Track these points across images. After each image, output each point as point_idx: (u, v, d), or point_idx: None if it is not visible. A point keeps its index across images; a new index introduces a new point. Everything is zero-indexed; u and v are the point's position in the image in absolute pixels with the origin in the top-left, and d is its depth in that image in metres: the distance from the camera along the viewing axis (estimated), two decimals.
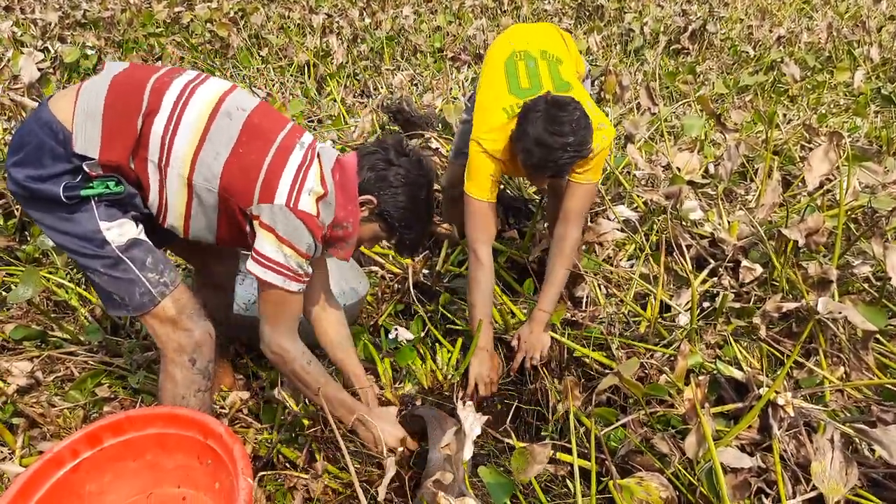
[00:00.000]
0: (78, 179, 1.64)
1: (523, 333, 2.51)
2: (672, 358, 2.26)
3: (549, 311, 2.46)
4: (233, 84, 1.84)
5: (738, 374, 2.15)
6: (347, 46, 6.40)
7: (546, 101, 2.17)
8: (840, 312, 1.99)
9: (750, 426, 1.91)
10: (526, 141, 2.16)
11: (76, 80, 4.91)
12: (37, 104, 4.39)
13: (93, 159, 1.63)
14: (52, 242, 1.78)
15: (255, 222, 1.73)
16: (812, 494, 1.67)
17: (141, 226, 1.79)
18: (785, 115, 5.04)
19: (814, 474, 1.46)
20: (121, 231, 1.73)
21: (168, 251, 2.13)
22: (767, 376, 2.15)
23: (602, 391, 2.14)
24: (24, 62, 4.43)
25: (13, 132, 1.72)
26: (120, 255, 1.72)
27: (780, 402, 1.82)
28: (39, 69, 4.57)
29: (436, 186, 2.71)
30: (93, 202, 1.68)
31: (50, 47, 5.64)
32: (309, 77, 5.88)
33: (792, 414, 1.83)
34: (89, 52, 5.59)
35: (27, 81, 4.42)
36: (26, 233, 3.26)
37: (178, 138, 1.68)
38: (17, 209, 3.25)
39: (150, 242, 1.80)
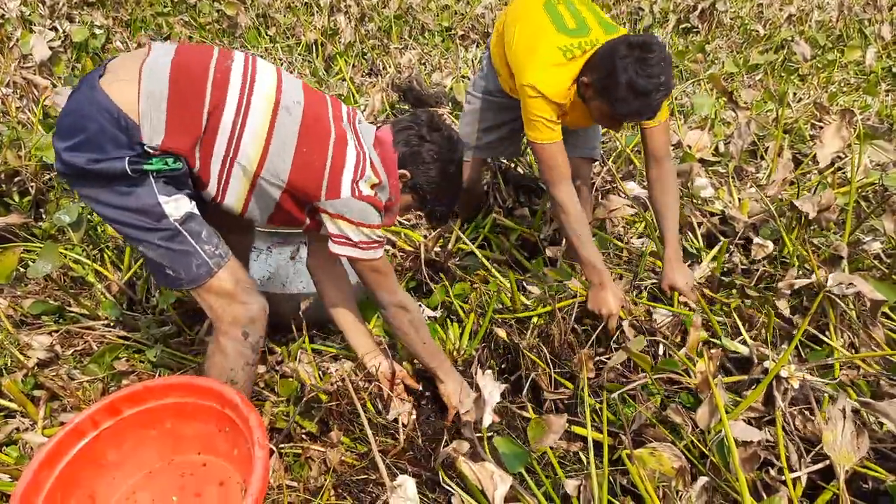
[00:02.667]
0: (137, 154, 1.66)
1: (669, 277, 2.48)
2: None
3: (679, 248, 2.51)
4: (276, 67, 1.89)
5: (742, 349, 2.17)
6: (355, 25, 6.38)
7: (628, 44, 2.08)
8: (850, 285, 2.00)
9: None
10: (619, 90, 2.08)
11: (86, 60, 4.92)
12: (53, 78, 4.42)
13: (156, 147, 1.66)
14: (104, 218, 1.78)
15: (325, 215, 1.87)
16: (817, 468, 1.70)
17: (194, 202, 1.83)
18: (795, 94, 5.02)
19: (825, 443, 1.48)
20: (177, 205, 1.76)
21: None
22: (773, 349, 2.17)
23: (612, 368, 2.17)
24: (36, 41, 4.44)
25: (60, 111, 1.71)
26: (178, 227, 1.76)
27: (784, 374, 1.84)
28: (50, 48, 4.58)
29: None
30: (151, 177, 1.71)
31: (59, 26, 5.64)
32: (317, 56, 5.87)
33: (796, 386, 1.85)
34: (97, 31, 5.59)
35: (38, 60, 4.43)
36: (41, 210, 3.29)
37: (246, 136, 1.74)
38: (31, 186, 3.28)
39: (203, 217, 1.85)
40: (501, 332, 2.39)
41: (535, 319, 2.44)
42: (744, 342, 2.20)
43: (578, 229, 2.39)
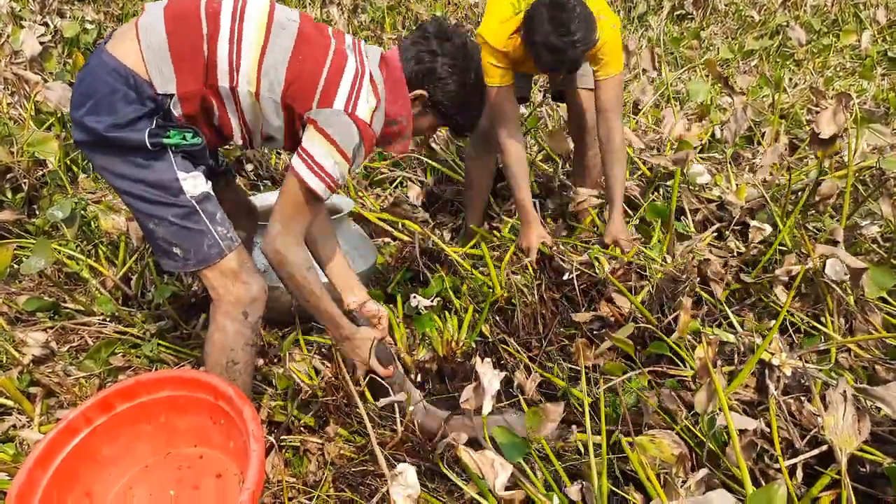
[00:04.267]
0: (156, 126, 1.67)
1: (611, 232, 2.69)
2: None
3: (621, 206, 2.71)
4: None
5: (731, 338, 2.16)
6: (348, 17, 6.36)
7: (545, 4, 2.28)
8: (842, 265, 1.99)
9: (747, 385, 1.93)
10: (536, 47, 2.30)
11: (77, 55, 4.88)
12: (44, 73, 4.39)
13: (173, 95, 1.67)
14: (117, 190, 1.78)
15: (311, 126, 1.75)
16: (814, 453, 1.69)
17: (210, 182, 1.83)
18: (791, 80, 5.00)
19: (826, 428, 1.47)
20: (195, 182, 1.76)
21: None
22: (761, 336, 2.16)
23: (602, 353, 2.16)
24: (26, 36, 4.41)
25: (74, 81, 1.73)
26: (195, 204, 1.76)
27: (776, 362, 1.84)
28: (41, 43, 4.55)
29: None
30: (170, 151, 1.71)
31: (49, 22, 5.60)
32: None
33: (789, 374, 1.85)
34: (89, 26, 5.56)
35: (29, 55, 4.40)
36: (35, 206, 3.27)
37: (243, 58, 1.71)
38: (24, 183, 3.26)
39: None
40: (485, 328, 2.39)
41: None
42: (734, 330, 2.19)
43: (516, 172, 2.69)
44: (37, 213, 3.19)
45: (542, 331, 2.39)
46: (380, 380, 2.05)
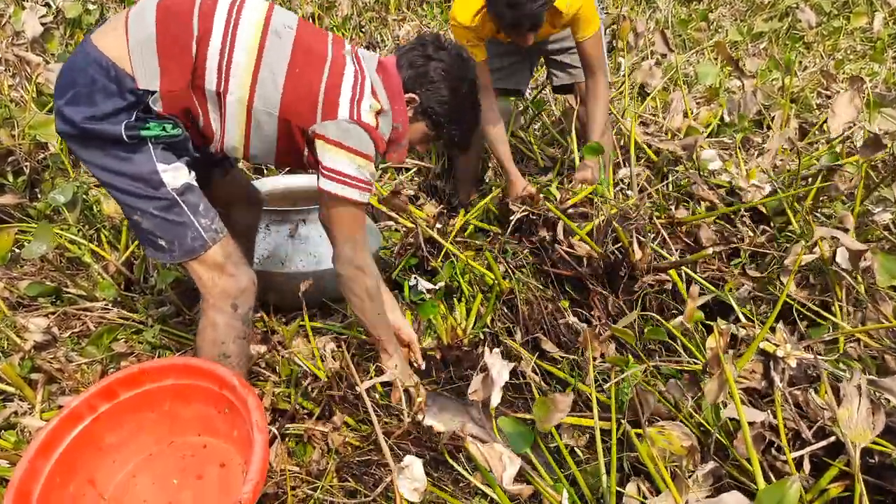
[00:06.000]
0: (135, 119, 1.64)
1: (581, 173, 2.87)
2: None
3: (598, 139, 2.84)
4: (269, 1, 1.83)
5: (732, 328, 2.13)
6: None
7: None
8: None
9: (753, 371, 1.90)
10: (496, 5, 2.43)
11: (79, 35, 4.83)
12: (46, 55, 4.34)
13: (155, 92, 1.63)
14: (101, 182, 1.77)
15: (320, 141, 1.74)
16: (821, 444, 1.66)
17: (193, 172, 1.80)
18: (801, 63, 4.94)
19: (840, 421, 1.45)
20: (176, 174, 1.73)
21: None
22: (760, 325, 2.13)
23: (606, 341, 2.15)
24: (27, 17, 4.35)
25: (58, 71, 1.69)
26: (176, 197, 1.73)
27: (780, 354, 1.81)
28: (42, 24, 4.49)
29: None
30: (150, 143, 1.68)
31: (51, 2, 5.54)
32: None
33: (794, 365, 1.82)
34: (91, 6, 5.49)
35: (30, 36, 4.34)
36: (37, 190, 3.24)
37: (235, 63, 1.68)
38: (26, 166, 3.23)
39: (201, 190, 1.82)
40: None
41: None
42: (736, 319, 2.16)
43: (495, 138, 2.92)
44: (39, 196, 3.16)
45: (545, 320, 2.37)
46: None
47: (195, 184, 1.79)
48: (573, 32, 2.80)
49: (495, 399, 1.42)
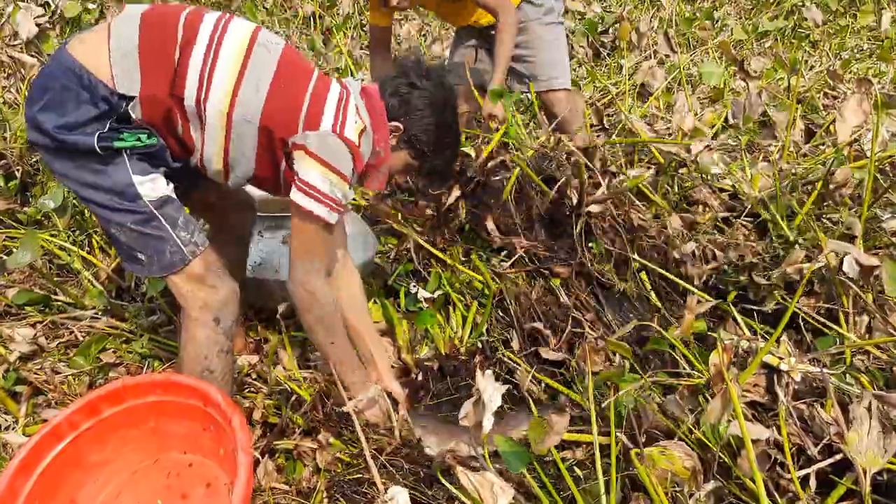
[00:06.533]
0: (108, 129, 1.59)
1: (487, 107, 2.94)
2: None
3: (500, 78, 2.94)
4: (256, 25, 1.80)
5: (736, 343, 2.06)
6: None
7: None
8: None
9: (756, 385, 1.84)
10: None
11: None
12: (41, 56, 4.30)
13: (134, 97, 1.58)
14: (77, 196, 1.73)
15: (300, 152, 1.69)
16: (829, 462, 1.60)
17: (172, 184, 1.75)
18: (807, 62, 4.86)
19: (849, 444, 1.38)
20: (153, 186, 1.68)
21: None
22: (764, 339, 2.07)
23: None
24: (22, 18, 4.31)
25: (32, 81, 1.65)
26: (153, 210, 1.68)
27: (784, 367, 1.75)
28: (38, 24, 4.45)
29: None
30: (125, 155, 1.63)
31: (51, 1, 5.50)
32: (314, 29, 5.72)
33: (798, 379, 1.76)
34: (91, 5, 5.44)
35: (25, 37, 4.30)
36: (28, 194, 3.19)
37: (218, 71, 1.63)
38: (17, 170, 3.17)
39: (180, 202, 1.76)
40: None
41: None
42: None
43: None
44: (30, 201, 3.11)
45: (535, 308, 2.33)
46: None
47: (174, 196, 1.74)
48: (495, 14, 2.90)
49: (487, 425, 1.36)
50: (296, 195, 1.71)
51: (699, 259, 2.48)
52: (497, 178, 2.70)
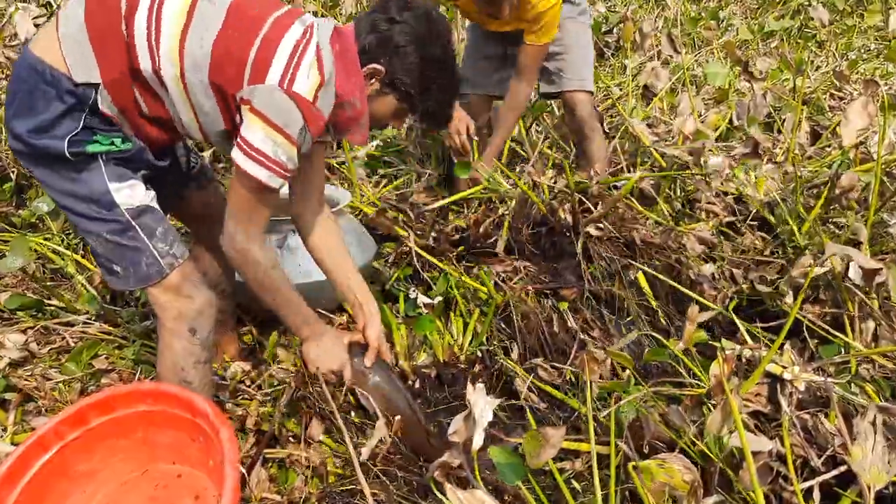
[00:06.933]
0: (82, 128, 1.53)
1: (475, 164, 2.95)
2: None
3: (496, 146, 3.00)
4: None
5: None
6: None
7: None
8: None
9: (758, 393, 1.80)
10: None
11: None
12: None
13: (97, 84, 1.52)
14: (56, 205, 1.68)
15: (245, 107, 1.53)
16: (832, 475, 1.56)
17: (153, 191, 1.69)
18: (813, 62, 4.80)
19: (853, 460, 1.34)
20: (131, 193, 1.62)
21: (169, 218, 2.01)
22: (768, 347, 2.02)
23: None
24: (20, 18, 4.28)
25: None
26: (130, 220, 1.62)
27: (788, 377, 1.71)
28: (36, 25, 4.42)
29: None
30: (100, 160, 1.58)
31: (52, 2, 5.47)
32: None
33: (802, 388, 1.72)
34: None
35: (23, 38, 4.27)
36: (23, 196, 3.16)
37: (163, 35, 1.52)
38: (12, 172, 3.15)
39: (162, 212, 1.71)
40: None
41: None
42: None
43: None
44: (26, 204, 3.08)
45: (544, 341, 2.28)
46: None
47: (155, 205, 1.68)
48: (527, 31, 2.76)
49: (477, 441, 1.32)
50: (236, 154, 1.57)
51: (719, 278, 2.44)
52: (493, 239, 2.72)
